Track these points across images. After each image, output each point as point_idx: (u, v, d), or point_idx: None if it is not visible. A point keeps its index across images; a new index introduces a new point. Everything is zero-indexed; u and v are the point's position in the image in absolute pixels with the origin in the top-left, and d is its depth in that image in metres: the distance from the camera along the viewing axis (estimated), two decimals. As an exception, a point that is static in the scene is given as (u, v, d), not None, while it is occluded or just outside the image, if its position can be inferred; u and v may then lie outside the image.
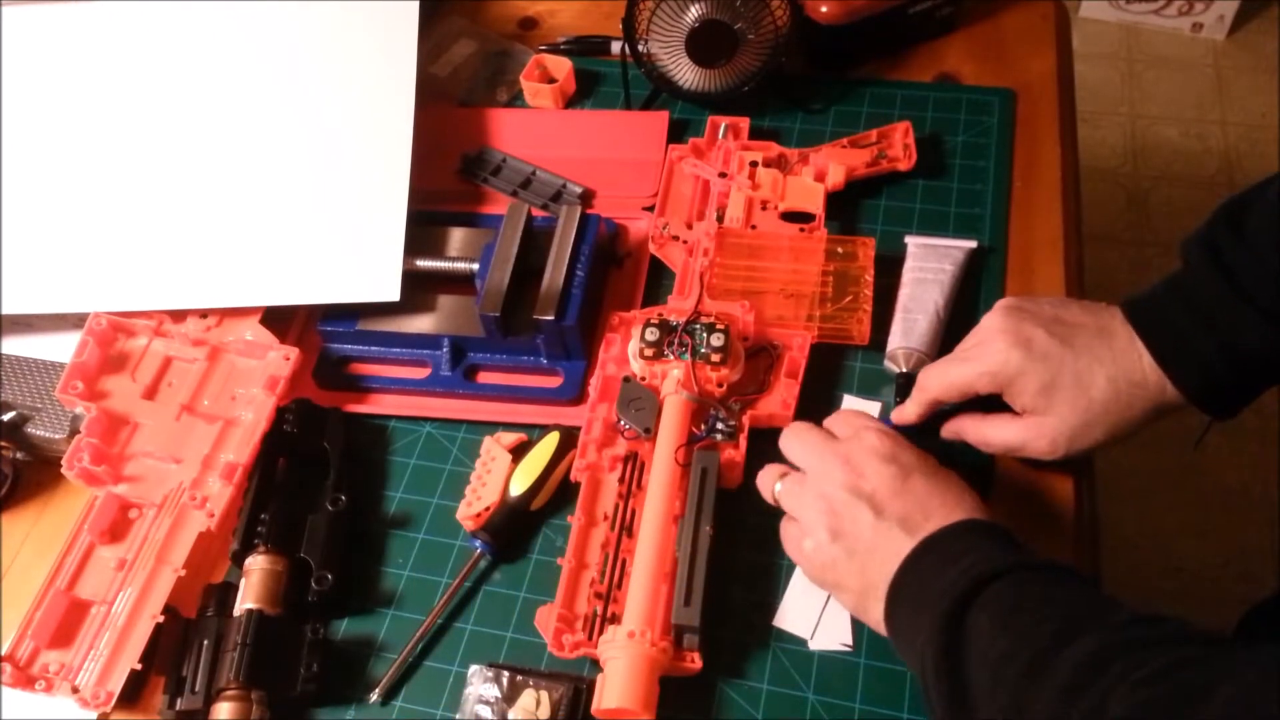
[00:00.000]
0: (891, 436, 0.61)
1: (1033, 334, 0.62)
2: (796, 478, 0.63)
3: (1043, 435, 0.62)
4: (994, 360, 0.62)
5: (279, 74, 0.86)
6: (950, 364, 0.65)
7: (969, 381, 0.64)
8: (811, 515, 0.60)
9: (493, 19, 1.01)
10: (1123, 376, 0.61)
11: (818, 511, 0.60)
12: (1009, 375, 0.62)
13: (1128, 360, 0.61)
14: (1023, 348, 0.62)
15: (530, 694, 0.61)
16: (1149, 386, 0.61)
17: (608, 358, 0.74)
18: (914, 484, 0.58)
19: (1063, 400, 0.61)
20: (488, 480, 0.70)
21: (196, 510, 0.68)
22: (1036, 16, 0.94)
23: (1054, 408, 0.61)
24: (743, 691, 0.62)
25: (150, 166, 0.83)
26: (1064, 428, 0.62)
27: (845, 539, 0.58)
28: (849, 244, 0.77)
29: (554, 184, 0.86)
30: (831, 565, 0.59)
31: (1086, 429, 0.62)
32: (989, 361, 0.62)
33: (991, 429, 0.65)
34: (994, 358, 0.62)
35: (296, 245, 0.78)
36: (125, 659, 0.63)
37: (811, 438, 0.63)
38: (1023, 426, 0.63)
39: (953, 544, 0.55)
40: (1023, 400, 0.62)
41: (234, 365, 0.75)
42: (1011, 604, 0.51)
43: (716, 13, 0.83)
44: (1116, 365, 0.61)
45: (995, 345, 0.62)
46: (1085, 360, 0.61)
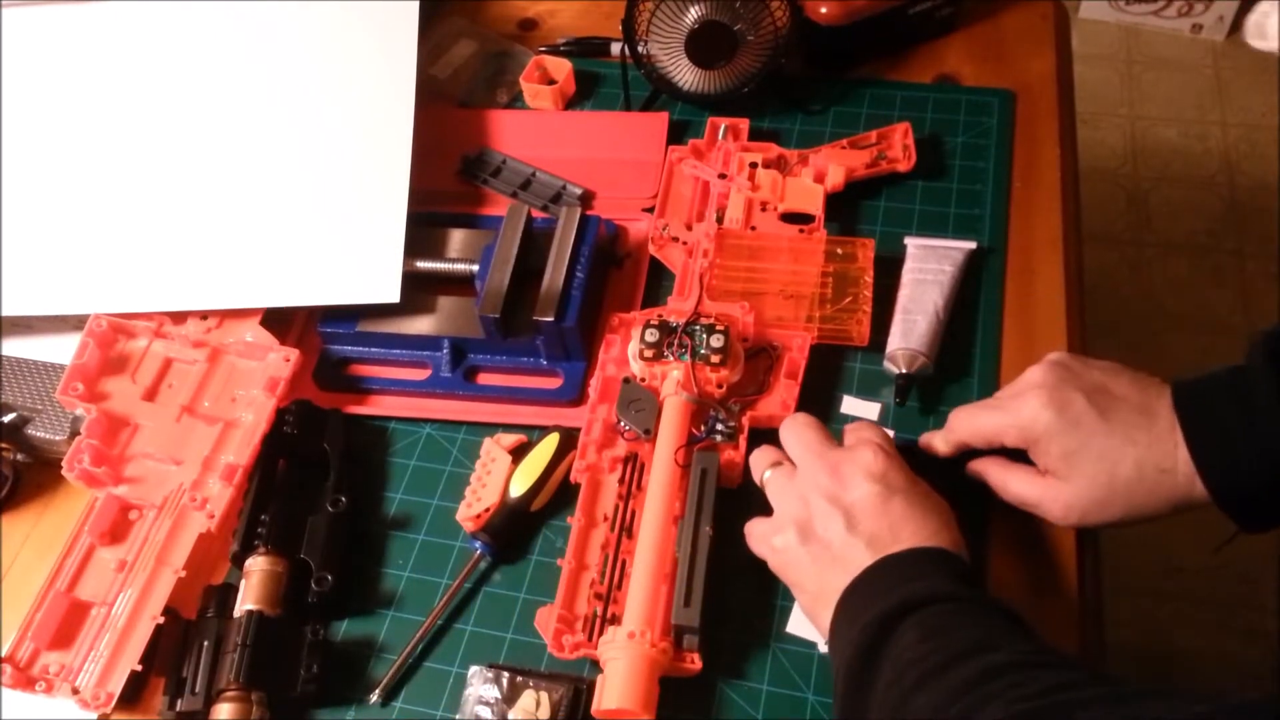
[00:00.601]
0: (889, 456, 0.60)
1: (1071, 397, 0.60)
2: (785, 470, 0.63)
3: (1058, 500, 0.61)
4: (1025, 415, 0.61)
5: (279, 75, 0.86)
6: (982, 410, 0.65)
7: (997, 432, 0.63)
8: (788, 511, 0.61)
9: (493, 20, 1.01)
10: (1152, 463, 0.59)
11: (795, 510, 0.61)
12: (1036, 434, 0.61)
13: (1162, 447, 0.59)
14: (1056, 408, 0.60)
15: (530, 695, 0.61)
16: (1178, 478, 0.58)
17: (607, 359, 0.74)
18: (894, 506, 0.58)
19: (1084, 472, 0.60)
20: (488, 481, 0.70)
21: (197, 511, 0.68)
22: (1036, 17, 0.94)
23: (1074, 477, 0.60)
24: (743, 691, 0.62)
25: (150, 168, 0.83)
26: (1081, 499, 0.60)
27: (813, 543, 0.59)
28: (848, 245, 0.77)
29: (554, 185, 0.86)
30: (795, 564, 0.60)
31: (1103, 506, 0.60)
32: (1019, 416, 0.62)
33: (1013, 479, 0.64)
34: (1025, 413, 0.61)
35: (297, 247, 0.78)
36: (125, 660, 0.63)
37: (809, 436, 0.63)
38: (1042, 486, 0.62)
39: (907, 567, 0.56)
40: (1045, 461, 0.62)
41: (234, 367, 0.75)
42: (939, 624, 0.52)
43: (716, 14, 0.84)
44: (1150, 450, 0.59)
45: (1030, 401, 0.61)
46: (1118, 438, 0.59)
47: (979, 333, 0.75)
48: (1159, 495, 0.59)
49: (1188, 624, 1.46)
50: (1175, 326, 1.76)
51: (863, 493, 0.59)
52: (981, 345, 0.74)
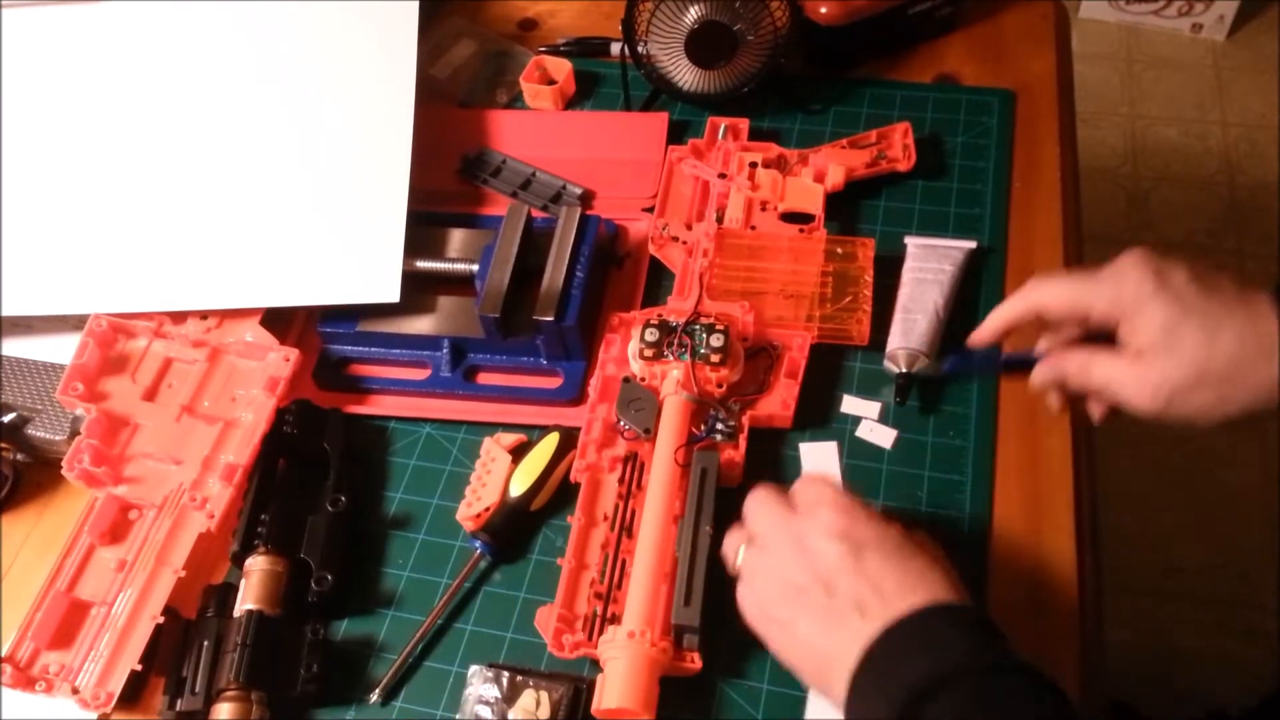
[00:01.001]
0: (848, 510, 0.55)
1: (1173, 271, 0.57)
2: (757, 550, 0.58)
3: (1149, 380, 0.57)
4: (1125, 283, 0.57)
5: (279, 75, 0.86)
6: (1070, 279, 0.60)
7: (1087, 298, 0.58)
8: (767, 593, 0.56)
9: (493, 20, 1.01)
10: (1253, 340, 0.55)
11: (773, 591, 0.56)
12: (1137, 303, 0.57)
13: (1264, 326, 0.55)
14: (1158, 279, 0.57)
15: (530, 694, 0.61)
16: (1275, 368, 0.55)
17: (607, 358, 0.74)
18: (867, 562, 0.53)
19: (1184, 346, 0.56)
20: (488, 481, 0.70)
21: (196, 511, 0.68)
22: (1036, 17, 0.94)
23: (1173, 351, 0.56)
24: (743, 691, 0.62)
25: (150, 168, 0.83)
26: (1174, 376, 0.56)
27: (799, 621, 0.54)
28: (848, 244, 0.77)
29: (554, 185, 0.86)
30: (789, 645, 0.55)
31: (1194, 388, 0.56)
32: (1119, 284, 0.57)
33: (1098, 361, 0.59)
34: (1126, 282, 0.57)
35: (296, 246, 0.78)
36: (125, 660, 0.63)
37: (769, 510, 0.58)
38: (1131, 365, 0.58)
39: (914, 635, 0.51)
40: (1141, 336, 0.57)
41: (234, 366, 0.75)
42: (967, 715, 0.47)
43: (716, 14, 0.84)
44: (1251, 327, 0.55)
45: (1129, 272, 0.57)
46: (1219, 312, 0.56)
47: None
48: (1252, 381, 0.56)
49: (1188, 624, 1.46)
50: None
51: (831, 556, 0.54)
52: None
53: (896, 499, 0.68)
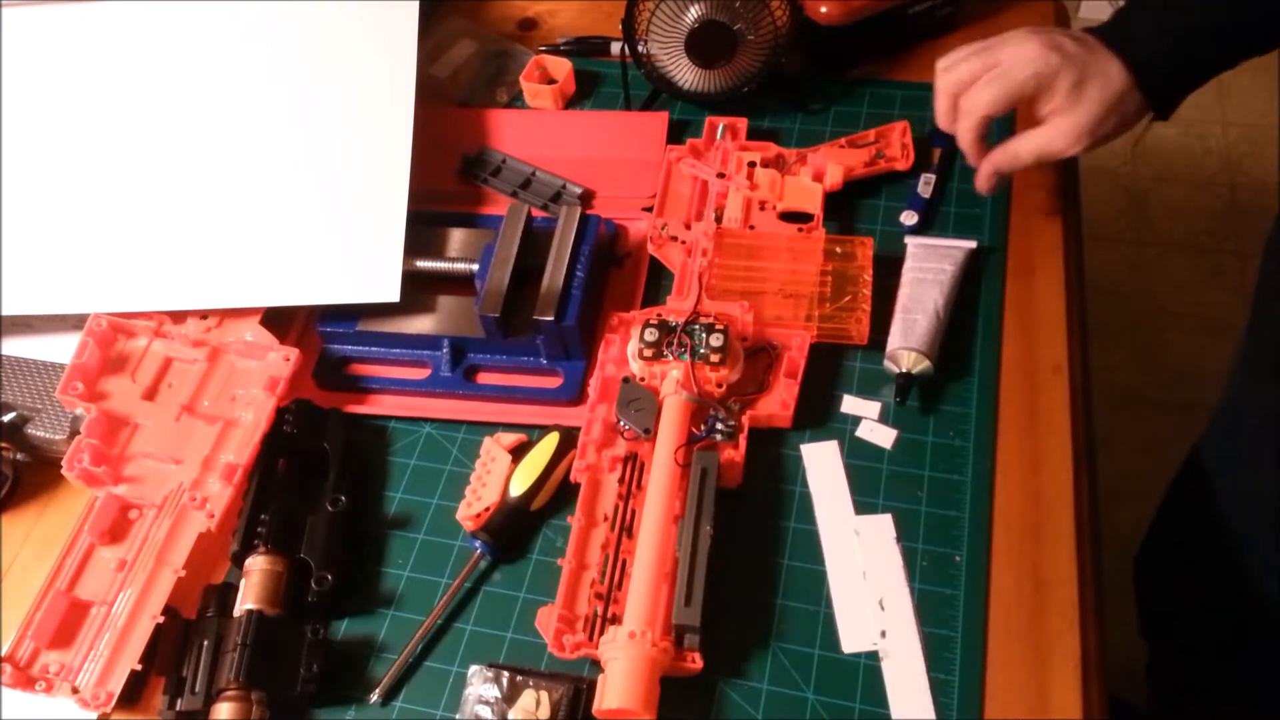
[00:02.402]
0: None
1: (1062, 41, 0.70)
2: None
3: (1070, 130, 0.70)
4: (1037, 64, 0.69)
5: (279, 74, 0.86)
6: (991, 81, 0.71)
7: (1017, 91, 0.70)
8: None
9: (493, 20, 1.01)
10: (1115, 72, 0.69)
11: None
12: (1050, 74, 0.69)
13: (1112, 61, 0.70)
14: (1058, 51, 0.69)
15: (530, 694, 0.61)
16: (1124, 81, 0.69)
17: (607, 358, 0.74)
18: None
19: (1092, 92, 0.69)
20: (488, 481, 0.70)
21: (196, 511, 0.68)
22: (1036, 17, 0.94)
23: (1083, 100, 0.69)
24: (743, 691, 0.62)
25: (150, 167, 0.83)
26: (1089, 118, 0.69)
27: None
28: (847, 244, 0.77)
29: (554, 184, 0.86)
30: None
31: (1103, 122, 0.69)
32: (1033, 66, 0.69)
33: (1018, 144, 0.72)
34: (1036, 63, 0.69)
35: (296, 246, 0.78)
36: (125, 660, 0.63)
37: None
38: (1050, 128, 0.70)
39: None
40: (1055, 100, 0.69)
41: (234, 366, 0.75)
42: None
43: (716, 13, 0.84)
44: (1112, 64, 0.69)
45: (1032, 54, 0.69)
46: (1100, 59, 0.69)
47: (979, 332, 0.75)
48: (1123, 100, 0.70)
49: (1188, 624, 1.46)
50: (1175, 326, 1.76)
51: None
52: (981, 344, 0.74)
53: (896, 499, 0.68)
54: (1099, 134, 0.70)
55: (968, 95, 0.72)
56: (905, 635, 0.63)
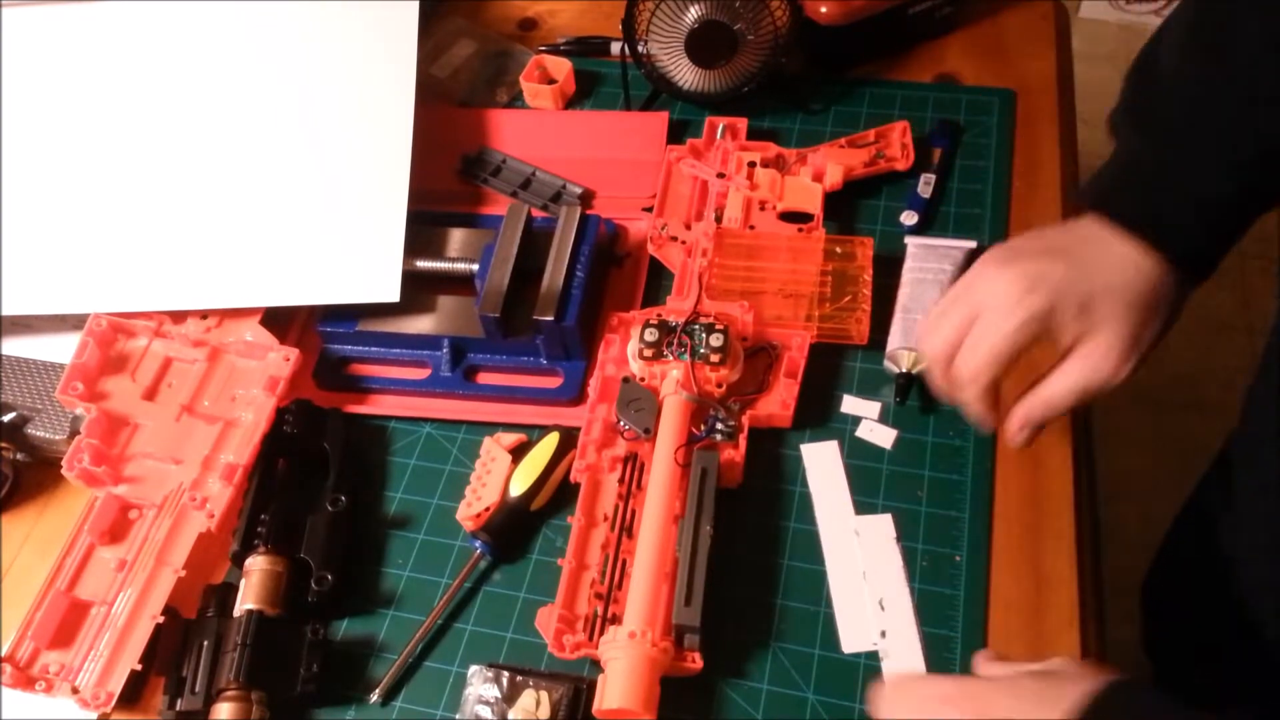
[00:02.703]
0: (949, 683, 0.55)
1: (1039, 269, 0.58)
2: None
3: (1105, 357, 0.58)
4: (1021, 311, 0.58)
5: (279, 74, 0.86)
6: (978, 344, 0.60)
7: (1012, 344, 0.58)
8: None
9: (493, 20, 1.01)
10: (1134, 270, 0.58)
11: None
12: (1043, 315, 0.58)
13: (1126, 255, 0.58)
14: (1036, 288, 0.58)
15: (530, 694, 0.61)
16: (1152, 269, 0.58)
17: (607, 358, 0.74)
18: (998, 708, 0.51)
19: (1104, 314, 0.57)
20: (488, 481, 0.70)
21: (196, 511, 0.68)
22: (1036, 16, 0.94)
23: (1100, 324, 0.58)
24: (743, 691, 0.62)
25: (150, 167, 0.83)
26: (1118, 339, 0.58)
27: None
28: (847, 244, 0.77)
29: (554, 184, 0.86)
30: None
31: (1138, 333, 0.58)
32: (1017, 314, 0.58)
33: (1052, 388, 0.60)
34: (1019, 310, 0.58)
35: (296, 246, 0.78)
36: (125, 660, 0.63)
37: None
38: (1081, 361, 0.59)
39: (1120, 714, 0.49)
40: (1067, 332, 0.58)
41: (234, 366, 0.75)
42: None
43: (716, 13, 0.84)
44: (1123, 262, 0.58)
45: (1011, 299, 0.58)
46: (1097, 267, 0.58)
47: (979, 332, 0.75)
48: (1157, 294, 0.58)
49: (1188, 623, 1.46)
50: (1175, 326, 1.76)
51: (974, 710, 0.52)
52: (981, 344, 0.74)
53: (896, 499, 0.68)
54: (1143, 346, 0.58)
55: (957, 365, 0.61)
56: (905, 635, 0.63)
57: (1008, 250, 0.61)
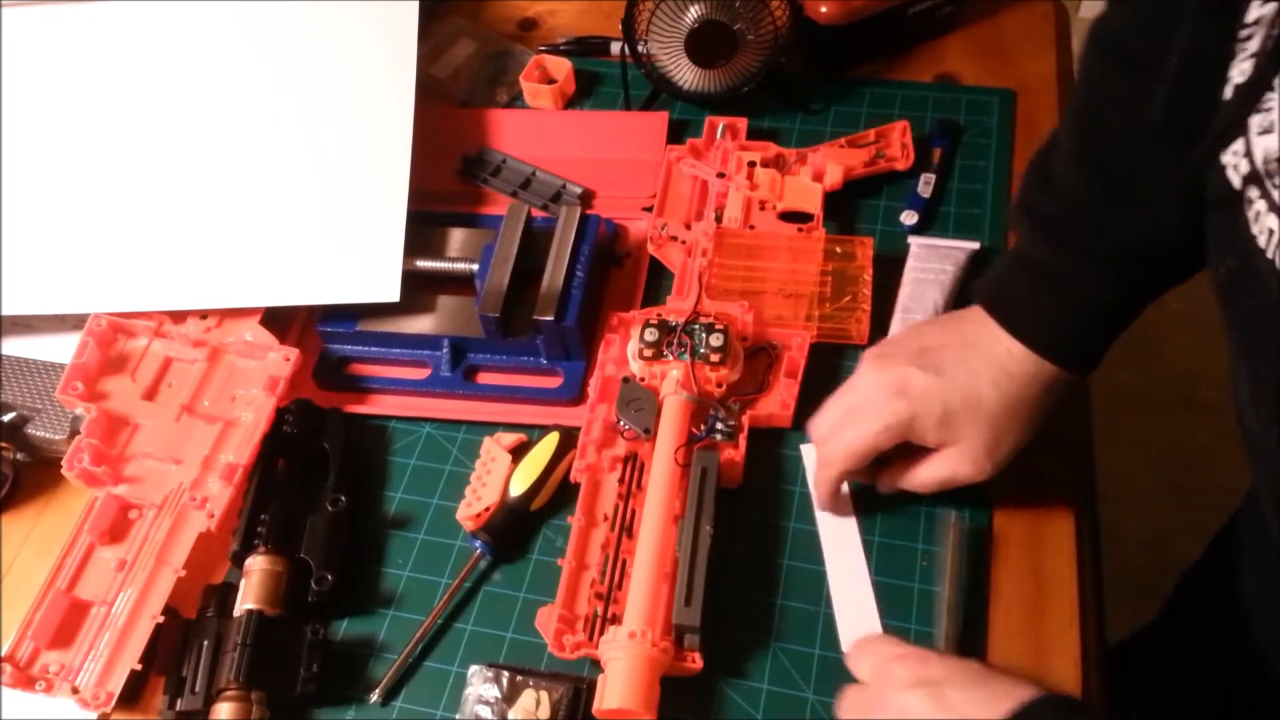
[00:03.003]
0: (913, 657, 0.56)
1: (907, 376, 0.62)
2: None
3: (964, 460, 0.62)
4: (884, 416, 0.61)
5: (279, 74, 0.86)
6: (849, 431, 0.63)
7: (871, 444, 0.62)
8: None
9: (492, 19, 1.01)
10: (1003, 375, 0.61)
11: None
12: (905, 423, 0.61)
13: (998, 357, 0.61)
14: (903, 395, 0.61)
15: (530, 694, 0.61)
16: (1028, 370, 0.61)
17: (607, 358, 0.74)
18: (950, 698, 0.53)
19: (963, 425, 0.61)
20: (488, 481, 0.70)
21: (196, 511, 0.68)
22: (1036, 16, 0.94)
23: (959, 435, 0.61)
24: (743, 691, 0.62)
25: (150, 167, 0.83)
26: (978, 448, 0.61)
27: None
28: (847, 244, 0.77)
29: (554, 184, 0.86)
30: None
31: (998, 440, 0.61)
32: (881, 419, 0.62)
33: (920, 473, 0.64)
34: (883, 414, 0.62)
35: (296, 246, 0.78)
36: (125, 659, 0.63)
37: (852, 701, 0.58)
38: (943, 460, 0.63)
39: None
40: (929, 437, 0.62)
41: (234, 366, 0.75)
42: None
43: (716, 13, 0.84)
44: (991, 367, 0.61)
45: (878, 402, 0.62)
46: (963, 378, 0.61)
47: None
48: (1030, 397, 0.61)
49: (1188, 623, 1.46)
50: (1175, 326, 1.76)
51: (914, 706, 0.54)
52: (981, 344, 0.74)
53: (896, 500, 0.68)
54: (1004, 450, 0.62)
55: (822, 448, 0.65)
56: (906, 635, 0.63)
57: (888, 344, 0.65)
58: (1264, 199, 0.45)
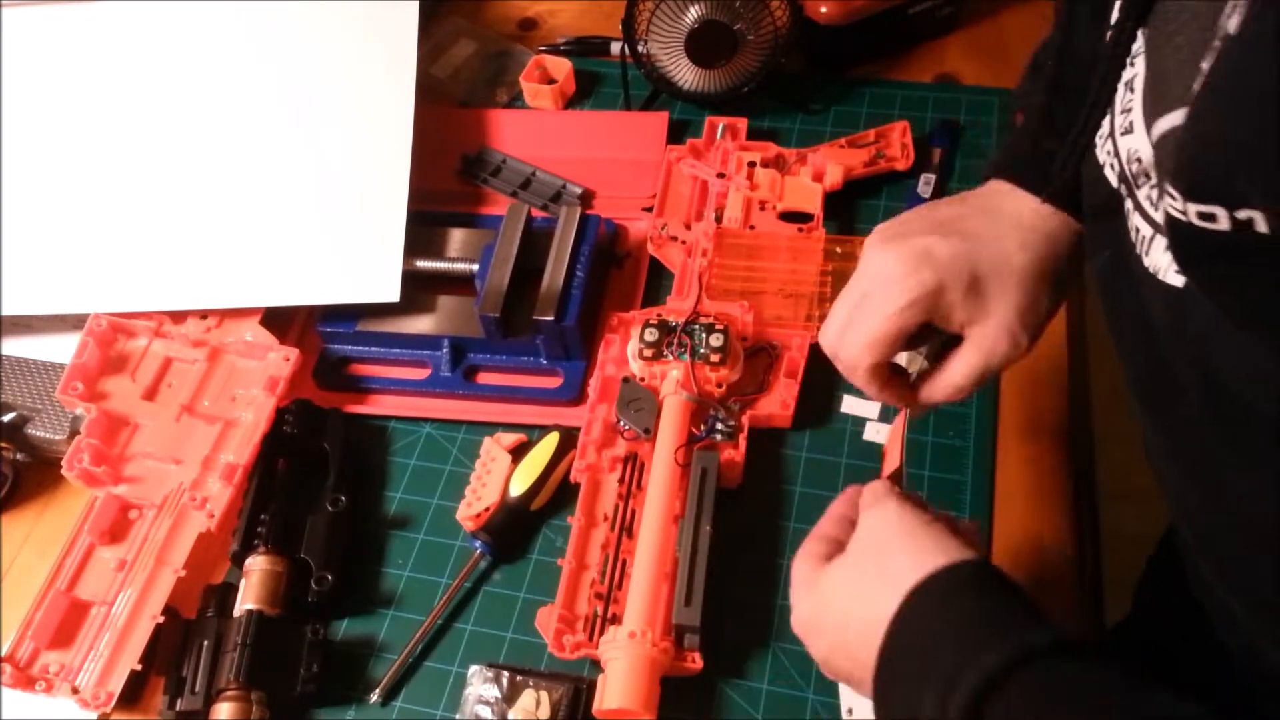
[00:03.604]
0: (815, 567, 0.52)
1: (929, 244, 0.55)
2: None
3: (999, 337, 0.55)
4: (908, 290, 0.54)
5: (279, 74, 0.86)
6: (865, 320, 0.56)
7: (895, 326, 0.55)
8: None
9: (492, 19, 1.01)
10: (1031, 234, 0.56)
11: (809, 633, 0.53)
12: (931, 295, 0.54)
13: (1024, 218, 0.56)
14: (927, 263, 0.54)
15: (530, 694, 0.61)
16: (1053, 227, 0.56)
17: (607, 358, 0.74)
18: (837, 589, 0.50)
19: (994, 293, 0.55)
20: (488, 481, 0.70)
21: (196, 511, 0.68)
22: (1036, 16, 0.94)
23: (989, 306, 0.55)
24: (743, 691, 0.62)
25: (150, 167, 0.83)
26: (1011, 318, 0.55)
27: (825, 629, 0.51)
28: (847, 244, 0.77)
29: (554, 184, 0.86)
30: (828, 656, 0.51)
31: (1032, 305, 0.55)
32: (905, 294, 0.54)
33: (951, 375, 0.57)
34: (906, 288, 0.54)
35: (296, 246, 0.78)
36: (125, 659, 0.63)
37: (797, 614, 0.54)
38: (975, 345, 0.55)
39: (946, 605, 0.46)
40: (957, 314, 0.55)
41: (234, 366, 0.75)
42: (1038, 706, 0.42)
43: (716, 13, 0.83)
44: (1020, 228, 0.56)
45: (897, 276, 0.54)
46: (990, 241, 0.55)
47: (979, 332, 0.75)
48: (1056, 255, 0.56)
49: (1188, 623, 1.46)
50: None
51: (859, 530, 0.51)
52: (981, 344, 0.74)
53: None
54: (1040, 317, 0.56)
55: (841, 345, 0.57)
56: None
57: (897, 224, 0.58)
58: (1131, 199, 0.44)
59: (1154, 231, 0.43)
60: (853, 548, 0.51)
